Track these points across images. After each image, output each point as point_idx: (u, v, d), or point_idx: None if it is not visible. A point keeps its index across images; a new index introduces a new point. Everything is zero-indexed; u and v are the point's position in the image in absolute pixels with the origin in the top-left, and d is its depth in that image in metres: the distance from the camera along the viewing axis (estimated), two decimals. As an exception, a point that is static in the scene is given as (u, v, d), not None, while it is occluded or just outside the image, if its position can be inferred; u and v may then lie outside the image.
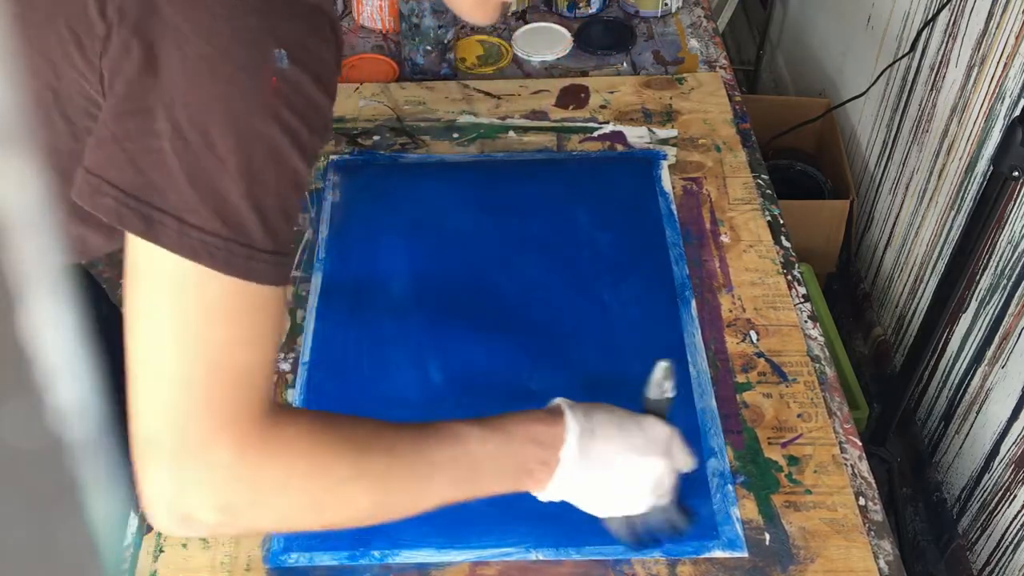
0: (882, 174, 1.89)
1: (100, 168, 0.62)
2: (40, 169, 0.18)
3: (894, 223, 1.84)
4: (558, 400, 0.80)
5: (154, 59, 0.60)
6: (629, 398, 1.03)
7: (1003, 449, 1.47)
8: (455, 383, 1.04)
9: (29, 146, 0.18)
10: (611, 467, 0.78)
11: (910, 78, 1.76)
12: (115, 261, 0.72)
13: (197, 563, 0.90)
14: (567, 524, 0.93)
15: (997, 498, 1.49)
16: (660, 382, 0.83)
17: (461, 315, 1.11)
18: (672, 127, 1.35)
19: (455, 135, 1.33)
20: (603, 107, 1.38)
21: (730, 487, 0.96)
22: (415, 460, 0.71)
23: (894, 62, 1.78)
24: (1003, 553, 1.48)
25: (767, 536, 0.92)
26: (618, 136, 1.33)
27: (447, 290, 1.13)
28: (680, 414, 1.01)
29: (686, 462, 0.82)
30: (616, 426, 0.78)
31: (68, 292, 0.20)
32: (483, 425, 0.76)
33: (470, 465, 0.74)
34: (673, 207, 1.23)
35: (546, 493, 0.78)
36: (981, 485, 1.53)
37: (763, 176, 1.28)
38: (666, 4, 1.55)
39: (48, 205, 0.19)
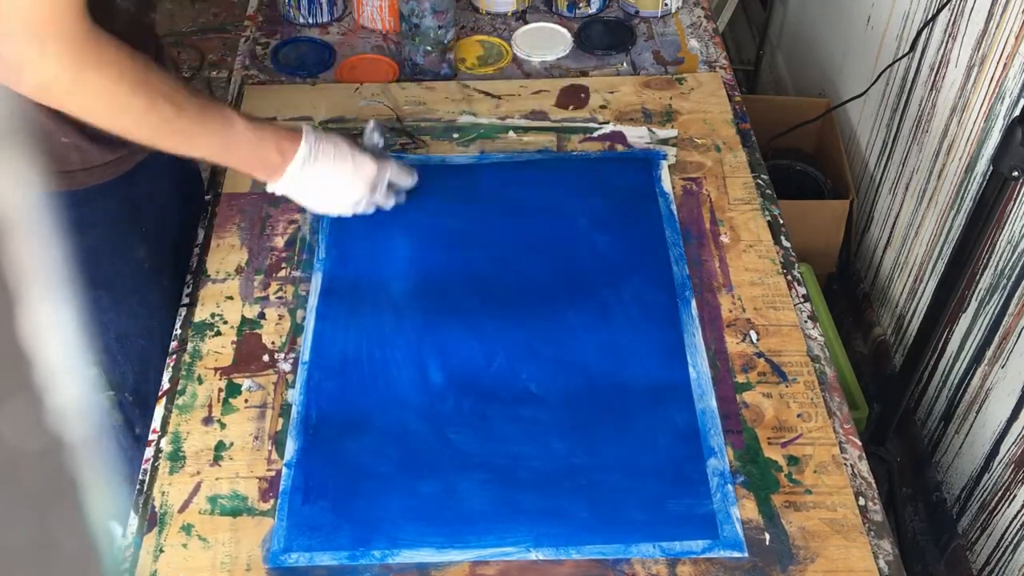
0: (882, 174, 1.89)
1: None
2: (39, 169, 0.19)
3: (894, 223, 1.84)
4: (303, 124, 1.06)
5: None
6: (630, 398, 1.03)
7: (1003, 449, 1.47)
8: (455, 383, 1.04)
9: (29, 146, 0.18)
10: (322, 180, 1.07)
11: (910, 78, 1.76)
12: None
13: (197, 563, 0.90)
14: (567, 524, 0.93)
15: (997, 498, 1.49)
16: (370, 135, 1.16)
17: (461, 315, 1.11)
18: (672, 127, 1.35)
19: (455, 135, 1.33)
20: (603, 107, 1.38)
21: (730, 487, 0.96)
22: (193, 121, 0.95)
23: (894, 62, 1.78)
24: (1003, 553, 1.48)
25: (767, 536, 0.92)
26: (618, 136, 1.33)
27: (447, 290, 1.13)
28: (680, 414, 1.02)
29: (397, 179, 1.15)
30: (334, 155, 1.06)
31: (68, 292, 0.20)
32: (248, 123, 1.00)
33: (228, 145, 1.01)
34: (673, 207, 1.23)
35: (276, 185, 1.06)
36: (981, 485, 1.53)
37: (763, 176, 1.28)
38: (666, 4, 1.55)
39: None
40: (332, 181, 1.07)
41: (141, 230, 1.13)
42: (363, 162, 1.08)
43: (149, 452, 0.99)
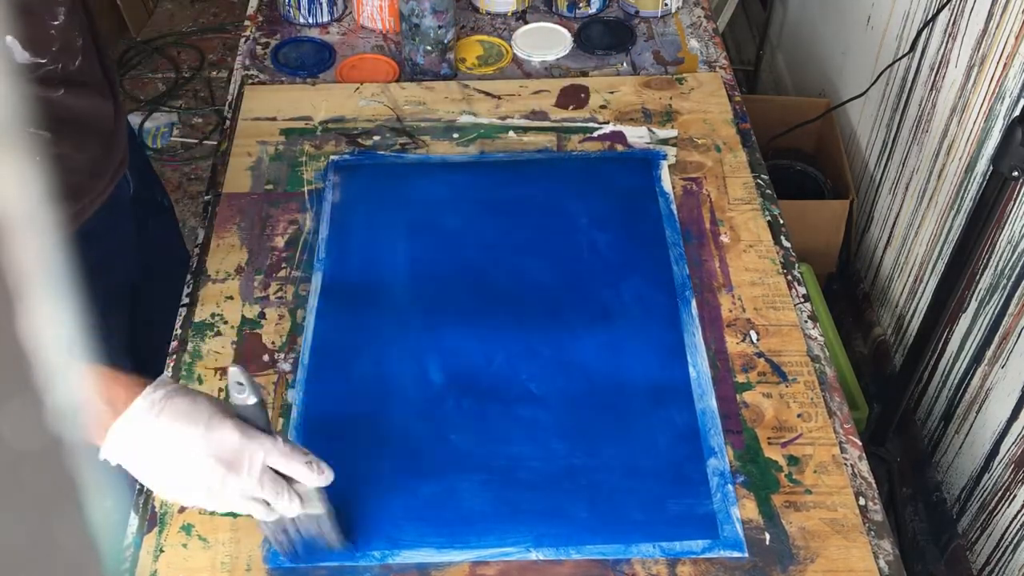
0: (882, 174, 1.89)
1: None
2: (39, 169, 0.18)
3: (894, 223, 1.84)
4: (162, 378, 0.80)
5: None
6: (630, 398, 1.03)
7: (1003, 449, 1.47)
8: (455, 383, 1.04)
9: (29, 146, 0.18)
10: (160, 453, 0.77)
11: (910, 78, 1.76)
12: None
13: (197, 563, 0.90)
14: (567, 524, 0.93)
15: (997, 498, 1.49)
16: (236, 387, 0.79)
17: (461, 315, 1.11)
18: (672, 127, 1.35)
19: (455, 135, 1.33)
20: (603, 107, 1.38)
21: (730, 487, 0.96)
22: None
23: (894, 62, 1.78)
24: (1003, 553, 1.48)
25: (767, 536, 0.92)
26: (618, 136, 1.33)
27: (447, 290, 1.13)
28: (680, 414, 1.02)
29: (288, 470, 0.80)
30: (184, 418, 0.77)
31: (68, 292, 0.20)
32: (90, 373, 0.76)
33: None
34: (673, 207, 1.23)
35: (104, 450, 0.77)
36: (981, 485, 1.53)
37: (763, 176, 1.28)
38: (666, 4, 1.55)
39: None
40: (172, 458, 0.77)
41: (99, 293, 1.07)
42: (219, 430, 0.77)
43: (149, 452, 0.99)
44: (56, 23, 0.93)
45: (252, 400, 0.79)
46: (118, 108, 1.08)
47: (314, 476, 0.80)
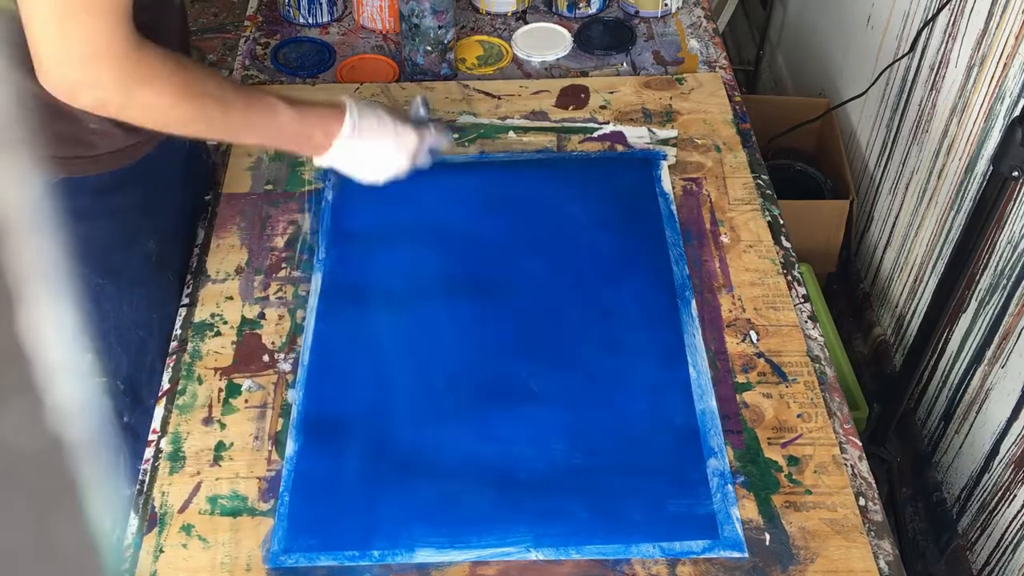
0: (882, 174, 1.89)
1: None
2: (39, 168, 0.18)
3: (894, 223, 1.84)
4: (344, 97, 1.09)
5: None
6: (630, 398, 1.03)
7: (1003, 449, 1.47)
8: (455, 382, 1.04)
9: (29, 146, 0.18)
10: (365, 153, 1.10)
11: (910, 78, 1.76)
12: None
13: (197, 563, 0.90)
14: (567, 524, 0.93)
15: (997, 498, 1.49)
16: (416, 109, 1.18)
17: (461, 315, 1.11)
18: (672, 127, 1.35)
19: (455, 135, 1.33)
20: (603, 107, 1.38)
21: (730, 487, 0.96)
22: (240, 118, 1.01)
23: (894, 62, 1.78)
24: (1003, 553, 1.48)
25: (767, 536, 0.92)
26: (618, 136, 1.33)
27: (447, 290, 1.13)
28: (680, 414, 1.02)
29: (436, 143, 1.16)
30: (378, 127, 1.10)
31: (68, 292, 0.20)
32: (293, 111, 1.04)
33: (274, 133, 1.06)
34: (673, 207, 1.23)
35: (321, 160, 1.09)
36: (981, 485, 1.53)
37: (763, 176, 1.28)
38: (666, 4, 1.55)
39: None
40: (374, 153, 1.11)
41: (155, 222, 1.14)
42: (405, 135, 1.11)
43: (149, 452, 0.99)
44: None
45: (426, 116, 1.18)
46: (185, 22, 1.18)
47: (448, 142, 1.20)
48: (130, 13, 0.90)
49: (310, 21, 1.52)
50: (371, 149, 1.10)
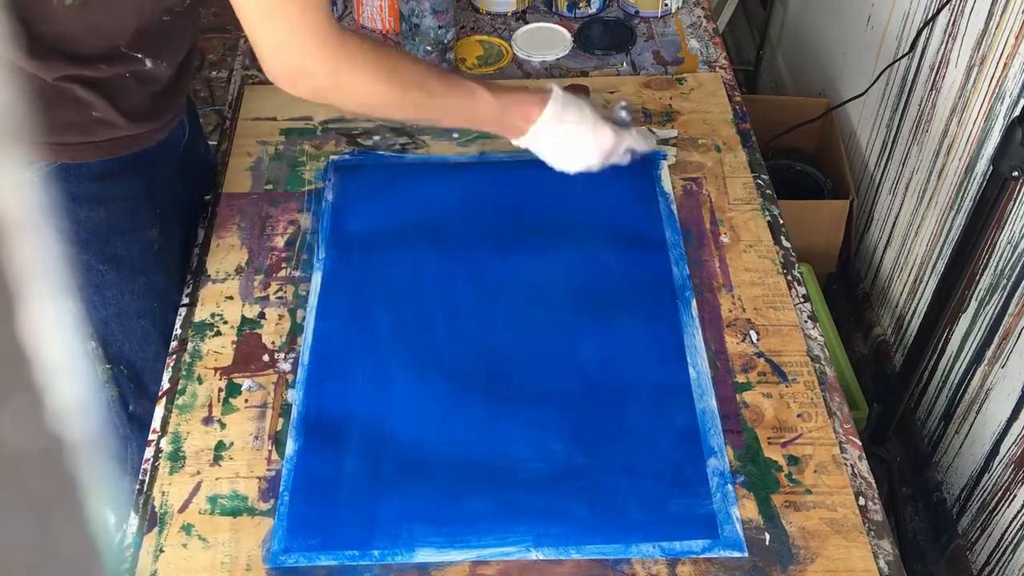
0: (882, 174, 1.89)
1: None
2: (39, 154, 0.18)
3: (894, 223, 1.84)
4: (552, 85, 1.12)
5: None
6: (630, 398, 1.03)
7: (1003, 449, 1.47)
8: (455, 383, 1.04)
9: (29, 146, 0.18)
10: (561, 142, 1.11)
11: (910, 78, 1.76)
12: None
13: (197, 563, 0.90)
14: (567, 524, 0.93)
15: (997, 498, 1.49)
16: (618, 111, 1.19)
17: (460, 315, 1.11)
18: (672, 127, 1.34)
19: (455, 135, 1.33)
20: (603, 107, 1.37)
21: (730, 487, 0.96)
22: (443, 103, 1.04)
23: (894, 62, 1.78)
24: (1003, 553, 1.48)
25: (767, 536, 0.92)
26: (618, 136, 1.33)
27: (447, 290, 1.13)
28: (680, 414, 1.02)
29: (637, 145, 1.17)
30: (579, 118, 1.11)
31: (68, 292, 0.20)
32: (494, 97, 1.06)
33: (474, 116, 1.10)
34: (673, 207, 1.23)
35: (518, 142, 1.12)
36: (981, 485, 1.53)
37: (763, 176, 1.28)
38: (666, 4, 1.55)
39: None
40: (570, 144, 1.12)
41: (156, 211, 1.14)
42: (603, 133, 1.12)
43: (149, 452, 0.99)
44: None
45: (628, 119, 1.19)
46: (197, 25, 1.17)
47: (649, 146, 1.20)
48: (330, 5, 0.96)
49: (310, 21, 1.52)
50: (568, 137, 1.11)
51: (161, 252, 1.15)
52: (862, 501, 0.95)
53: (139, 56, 1.01)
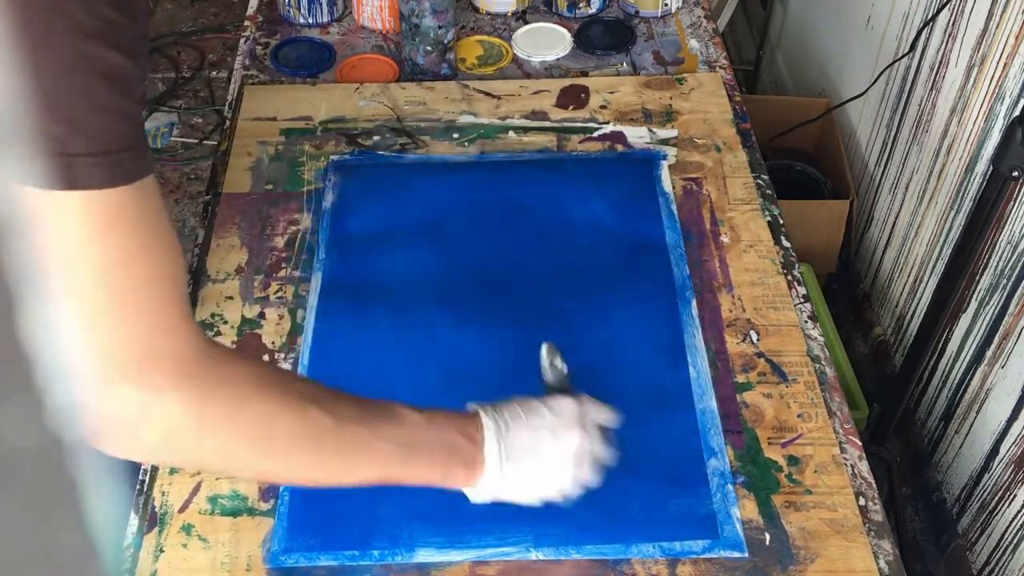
0: (882, 174, 1.89)
1: None
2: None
3: (894, 223, 1.84)
4: (470, 403, 0.83)
5: None
6: (630, 398, 1.03)
7: (1003, 449, 1.47)
8: (455, 383, 1.04)
9: (29, 146, 0.18)
10: (531, 453, 0.81)
11: (910, 78, 1.76)
12: None
13: (197, 563, 0.90)
14: (567, 524, 0.93)
15: (997, 498, 1.49)
16: (549, 362, 0.89)
17: (461, 315, 1.11)
18: (672, 127, 1.35)
19: (455, 135, 1.33)
20: (603, 107, 1.38)
21: (730, 487, 0.96)
22: (357, 428, 0.74)
23: (894, 62, 1.78)
24: (1003, 553, 1.48)
25: (767, 536, 0.92)
26: (618, 136, 1.33)
27: (447, 290, 1.13)
28: (680, 414, 1.01)
29: (606, 419, 0.86)
30: (525, 414, 0.81)
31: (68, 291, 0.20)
32: (421, 412, 0.78)
33: (407, 446, 0.77)
34: (673, 207, 1.23)
35: (476, 490, 0.81)
36: (981, 485, 1.53)
37: (763, 176, 1.28)
38: (666, 4, 1.55)
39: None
40: (541, 444, 0.81)
41: None
42: (560, 404, 0.84)
43: (149, 452, 0.99)
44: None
45: (565, 369, 0.89)
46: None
47: (614, 416, 0.87)
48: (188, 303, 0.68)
49: (310, 21, 1.52)
50: (534, 453, 0.81)
51: None
52: (862, 501, 0.95)
53: None
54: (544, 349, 0.89)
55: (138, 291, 0.62)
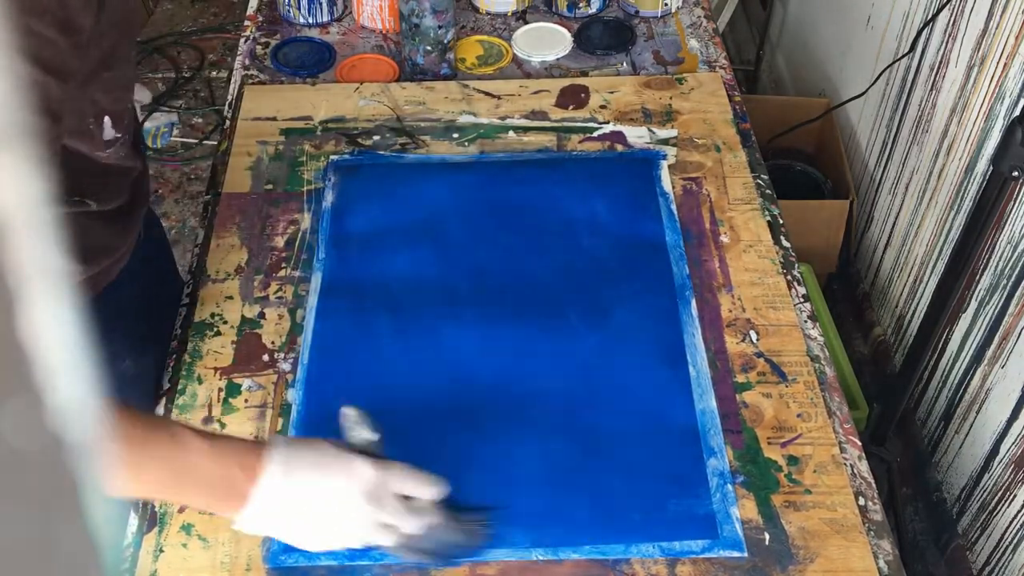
0: (882, 174, 1.89)
1: None
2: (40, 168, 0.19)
3: (894, 223, 1.84)
4: (275, 435, 0.82)
5: None
6: (630, 398, 1.03)
7: (1003, 449, 1.47)
8: (455, 383, 1.04)
9: (29, 146, 0.18)
10: (307, 503, 0.80)
11: (910, 78, 1.76)
12: None
13: (197, 563, 0.90)
14: (567, 524, 0.93)
15: (997, 498, 1.49)
16: (352, 428, 0.85)
17: (461, 315, 1.11)
18: (672, 127, 1.35)
19: (455, 135, 1.33)
20: (603, 107, 1.38)
21: (730, 487, 0.96)
22: (131, 447, 0.75)
23: (894, 62, 1.78)
24: (1003, 553, 1.48)
25: (767, 536, 0.92)
26: (618, 136, 1.33)
27: (447, 290, 1.13)
28: (680, 414, 1.01)
29: (416, 490, 0.83)
30: (317, 464, 0.80)
31: (68, 292, 0.20)
32: (208, 440, 0.79)
33: (178, 471, 0.78)
34: (673, 207, 1.23)
35: (241, 520, 0.79)
36: (981, 485, 1.53)
37: (763, 176, 1.28)
38: (666, 4, 1.55)
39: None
40: (321, 500, 0.80)
41: (127, 342, 1.09)
42: (356, 466, 0.81)
43: (149, 452, 0.99)
44: (133, 98, 0.94)
45: (375, 437, 0.84)
46: (144, 169, 1.07)
47: (431, 490, 0.84)
48: None
49: (310, 21, 1.52)
50: (311, 490, 0.80)
51: (135, 379, 1.11)
52: (862, 501, 0.95)
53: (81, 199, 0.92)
54: (344, 412, 0.85)
55: None
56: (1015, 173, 1.16)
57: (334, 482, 0.80)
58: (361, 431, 0.85)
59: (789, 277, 1.16)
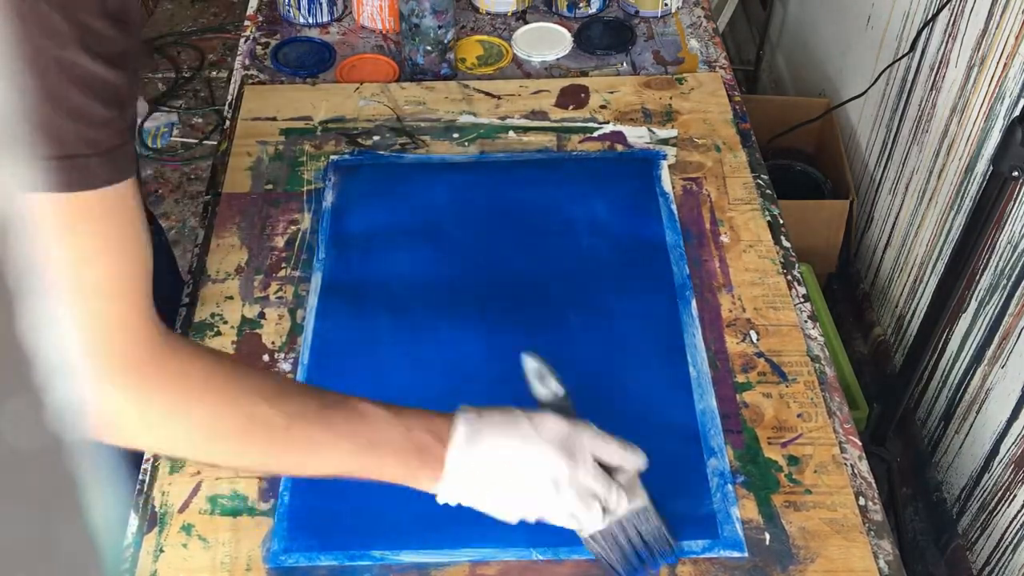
0: (882, 174, 1.89)
1: None
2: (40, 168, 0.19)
3: (894, 223, 1.84)
4: (462, 405, 0.80)
5: None
6: (630, 398, 1.03)
7: (1003, 449, 1.47)
8: (455, 383, 1.04)
9: (29, 146, 0.18)
10: (499, 458, 0.77)
11: (910, 78, 1.76)
12: None
13: (197, 563, 0.90)
14: (567, 524, 0.92)
15: (997, 498, 1.49)
16: (538, 379, 0.83)
17: (461, 315, 1.11)
18: (672, 127, 1.35)
19: (455, 135, 1.33)
20: (603, 107, 1.38)
21: (730, 487, 0.96)
22: (315, 424, 0.74)
23: (894, 62, 1.78)
24: (1003, 553, 1.48)
25: (767, 536, 0.92)
26: (618, 136, 1.33)
27: (447, 290, 1.13)
28: (680, 414, 1.01)
29: (612, 457, 0.80)
30: (505, 419, 0.78)
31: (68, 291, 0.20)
32: (388, 409, 0.77)
33: (369, 443, 0.76)
34: (673, 207, 1.23)
35: (441, 485, 0.77)
36: (981, 485, 1.54)
37: (763, 176, 1.28)
38: (666, 4, 1.55)
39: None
40: (512, 456, 0.77)
41: None
42: (547, 421, 0.79)
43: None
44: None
45: (561, 391, 0.80)
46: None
47: (634, 457, 0.80)
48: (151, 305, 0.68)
49: (310, 21, 1.52)
50: (503, 449, 0.77)
51: None
52: (862, 501, 0.95)
53: None
54: (527, 364, 0.82)
55: (91, 292, 0.64)
56: (1015, 173, 1.16)
57: (524, 435, 0.77)
58: (548, 383, 0.81)
59: (789, 277, 1.16)
